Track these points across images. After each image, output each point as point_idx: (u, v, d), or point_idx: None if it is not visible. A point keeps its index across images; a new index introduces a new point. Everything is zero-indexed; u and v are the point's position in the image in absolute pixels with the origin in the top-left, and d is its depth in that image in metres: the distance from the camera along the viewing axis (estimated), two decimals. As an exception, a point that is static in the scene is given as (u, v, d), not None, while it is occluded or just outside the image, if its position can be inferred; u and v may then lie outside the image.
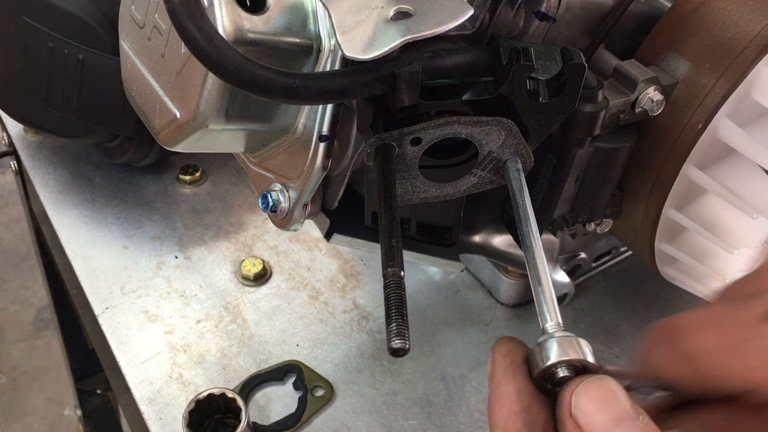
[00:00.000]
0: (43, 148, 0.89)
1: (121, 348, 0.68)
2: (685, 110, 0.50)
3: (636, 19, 0.55)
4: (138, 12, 0.50)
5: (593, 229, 0.59)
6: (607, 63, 0.53)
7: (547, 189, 0.54)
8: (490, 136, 0.44)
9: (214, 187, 0.85)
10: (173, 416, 0.62)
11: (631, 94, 0.50)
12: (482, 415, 0.63)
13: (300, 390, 0.65)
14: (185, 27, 0.37)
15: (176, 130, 0.47)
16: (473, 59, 0.44)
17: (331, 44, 0.43)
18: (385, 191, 0.40)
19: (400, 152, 0.43)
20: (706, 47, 0.50)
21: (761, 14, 0.49)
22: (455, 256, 0.58)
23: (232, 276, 0.75)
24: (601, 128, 0.49)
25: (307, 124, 0.47)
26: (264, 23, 0.42)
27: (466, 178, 0.47)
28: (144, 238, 0.78)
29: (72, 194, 0.83)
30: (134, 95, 0.52)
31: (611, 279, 0.75)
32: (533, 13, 0.49)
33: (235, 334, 0.69)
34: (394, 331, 0.33)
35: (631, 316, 0.71)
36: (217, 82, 0.43)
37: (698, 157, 0.51)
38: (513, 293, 0.72)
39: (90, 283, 0.74)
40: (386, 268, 0.35)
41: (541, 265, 0.39)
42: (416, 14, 0.41)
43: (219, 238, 0.79)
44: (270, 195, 0.49)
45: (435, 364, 0.67)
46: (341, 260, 0.76)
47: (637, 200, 0.56)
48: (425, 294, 0.74)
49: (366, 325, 0.71)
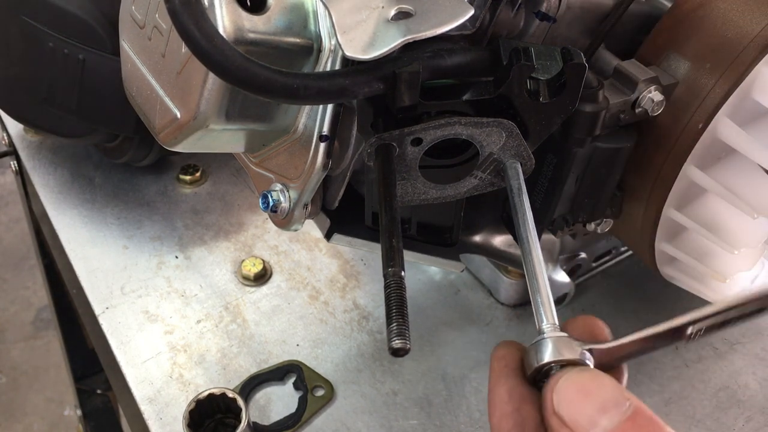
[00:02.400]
0: (43, 148, 0.89)
1: (121, 348, 0.68)
2: (686, 110, 0.50)
3: (636, 19, 0.55)
4: (138, 12, 0.50)
5: (593, 229, 0.59)
6: (608, 63, 0.53)
7: (547, 189, 0.54)
8: (490, 137, 0.44)
9: (214, 187, 0.85)
10: (173, 416, 0.62)
11: (631, 94, 0.50)
12: (482, 415, 0.63)
13: (300, 390, 0.65)
14: (186, 27, 0.37)
15: (176, 130, 0.47)
16: (473, 59, 0.44)
17: (332, 44, 0.43)
18: (385, 191, 0.40)
19: (401, 152, 0.43)
20: (706, 47, 0.50)
21: (761, 14, 0.49)
22: (455, 256, 0.58)
23: (232, 276, 0.75)
24: (601, 128, 0.49)
25: (307, 124, 0.47)
26: (264, 23, 0.42)
27: (466, 179, 0.47)
28: (144, 238, 0.78)
29: (72, 194, 0.83)
30: (134, 95, 0.52)
31: (611, 279, 0.75)
32: (533, 13, 0.50)
33: (235, 334, 0.69)
34: (394, 331, 0.33)
35: (631, 316, 0.71)
36: (218, 82, 0.43)
37: (698, 157, 0.51)
38: (513, 293, 0.72)
39: (90, 283, 0.74)
40: (387, 268, 0.35)
41: (538, 267, 0.39)
42: (416, 14, 0.41)
43: (219, 238, 0.79)
44: (270, 195, 0.49)
45: (435, 364, 0.67)
46: (341, 260, 0.76)
47: (637, 200, 0.56)
48: (425, 294, 0.74)
49: (366, 325, 0.71)
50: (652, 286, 0.74)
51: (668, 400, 0.65)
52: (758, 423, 0.64)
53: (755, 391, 0.66)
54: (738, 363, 0.68)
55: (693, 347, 0.69)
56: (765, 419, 0.64)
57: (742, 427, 0.63)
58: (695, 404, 0.65)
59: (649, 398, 0.65)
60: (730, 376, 0.67)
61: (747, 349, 0.69)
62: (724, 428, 0.63)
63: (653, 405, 0.64)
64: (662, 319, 0.71)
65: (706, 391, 0.66)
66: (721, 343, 0.70)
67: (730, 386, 0.66)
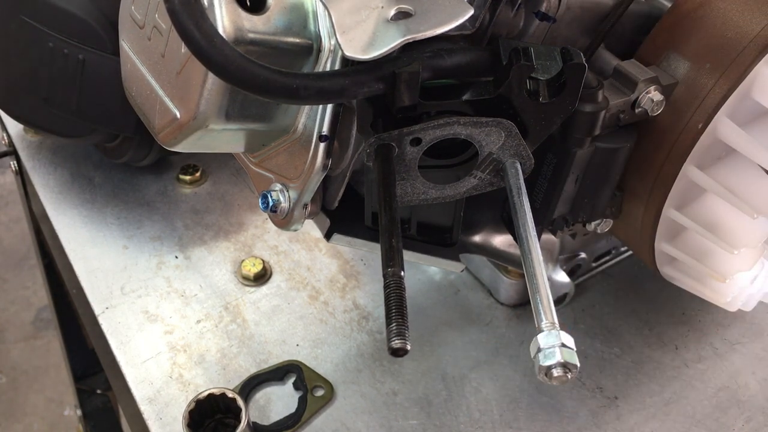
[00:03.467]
0: (43, 148, 0.89)
1: (121, 348, 0.68)
2: (685, 110, 0.50)
3: (636, 19, 0.55)
4: (138, 12, 0.50)
5: (593, 229, 0.59)
6: (607, 63, 0.53)
7: (547, 189, 0.54)
8: (490, 137, 0.44)
9: (214, 187, 0.85)
10: (173, 416, 0.62)
11: (631, 94, 0.50)
12: (482, 414, 0.63)
13: (300, 390, 0.65)
14: (185, 27, 0.37)
15: (176, 130, 0.47)
16: (473, 59, 0.44)
17: (331, 44, 0.43)
18: (385, 191, 0.40)
19: (400, 152, 0.43)
20: (706, 47, 0.50)
21: (761, 14, 0.49)
22: (455, 256, 0.58)
23: (232, 276, 0.75)
24: (601, 128, 0.49)
25: (307, 124, 0.47)
26: (264, 23, 0.42)
27: (465, 179, 0.47)
28: (144, 238, 0.78)
29: (72, 194, 0.83)
30: (134, 95, 0.52)
31: (611, 279, 0.75)
32: (533, 13, 0.50)
33: (235, 334, 0.69)
34: (394, 331, 0.33)
35: (631, 316, 0.71)
36: (217, 82, 0.43)
37: (698, 157, 0.51)
38: (513, 293, 0.72)
39: (90, 283, 0.74)
40: (386, 268, 0.35)
41: (538, 267, 0.39)
42: (416, 14, 0.41)
43: (219, 238, 0.79)
44: (270, 195, 0.49)
45: (435, 364, 0.67)
46: (341, 260, 0.76)
47: (637, 200, 0.56)
48: (425, 294, 0.74)
49: (366, 325, 0.71)
50: (652, 286, 0.74)
51: (668, 400, 0.65)
52: (758, 423, 0.64)
53: (755, 391, 0.66)
54: (738, 363, 0.68)
55: (693, 347, 0.69)
56: (765, 419, 0.64)
57: (742, 427, 0.63)
58: (695, 404, 0.65)
59: (649, 398, 0.65)
60: (730, 376, 0.67)
61: (747, 349, 0.69)
62: (724, 428, 0.63)
63: (653, 405, 0.64)
64: (662, 319, 0.71)
65: (706, 391, 0.66)
66: (721, 343, 0.70)
67: (730, 386, 0.66)
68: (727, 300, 0.59)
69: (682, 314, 0.72)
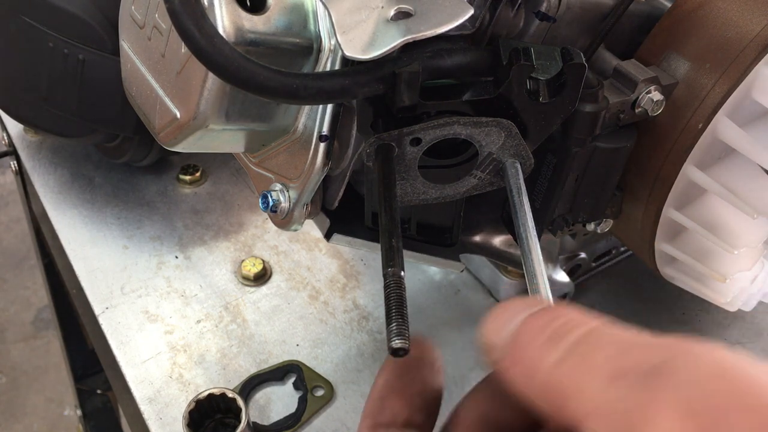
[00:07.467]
0: (43, 148, 0.89)
1: (121, 348, 0.68)
2: (685, 110, 0.50)
3: (636, 19, 0.55)
4: (138, 12, 0.50)
5: (593, 229, 0.59)
6: (607, 63, 0.53)
7: (547, 189, 0.54)
8: (489, 137, 0.44)
9: (214, 187, 0.85)
10: (173, 416, 0.62)
11: (631, 94, 0.50)
12: (482, 415, 0.63)
13: (300, 390, 0.65)
14: (185, 27, 0.37)
15: (176, 130, 0.47)
16: (473, 59, 0.44)
17: (331, 44, 0.43)
18: (385, 191, 0.40)
19: (400, 152, 0.43)
20: (706, 47, 0.50)
21: (761, 14, 0.49)
22: (455, 256, 0.58)
23: (232, 276, 0.75)
24: (601, 128, 0.49)
25: (307, 124, 0.47)
26: (264, 23, 0.42)
27: (465, 179, 0.47)
28: (144, 238, 0.78)
29: (72, 194, 0.83)
30: (134, 95, 0.52)
31: (611, 279, 0.75)
32: (533, 13, 0.49)
33: (235, 334, 0.69)
34: (394, 331, 0.33)
35: (631, 316, 0.71)
36: (218, 82, 0.43)
37: (698, 157, 0.51)
38: (513, 293, 0.72)
39: (90, 283, 0.74)
40: (386, 268, 0.35)
41: (538, 267, 0.39)
42: (416, 14, 0.41)
43: (219, 238, 0.79)
44: (270, 195, 0.49)
45: (435, 364, 0.67)
46: (341, 260, 0.76)
47: (637, 200, 0.56)
48: (425, 294, 0.74)
49: (366, 325, 0.71)
50: (652, 286, 0.74)
51: (668, 400, 0.65)
52: (758, 423, 0.64)
53: (755, 391, 0.66)
54: (738, 363, 0.68)
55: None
56: (765, 419, 0.64)
57: (742, 427, 0.63)
58: (695, 404, 0.65)
59: (649, 398, 0.65)
60: (730, 376, 0.67)
61: (747, 349, 0.69)
62: (724, 428, 0.63)
63: (653, 405, 0.64)
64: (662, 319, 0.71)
65: (706, 391, 0.66)
66: (721, 343, 0.70)
67: (730, 386, 0.66)
68: (727, 300, 0.59)
69: (682, 314, 0.72)
